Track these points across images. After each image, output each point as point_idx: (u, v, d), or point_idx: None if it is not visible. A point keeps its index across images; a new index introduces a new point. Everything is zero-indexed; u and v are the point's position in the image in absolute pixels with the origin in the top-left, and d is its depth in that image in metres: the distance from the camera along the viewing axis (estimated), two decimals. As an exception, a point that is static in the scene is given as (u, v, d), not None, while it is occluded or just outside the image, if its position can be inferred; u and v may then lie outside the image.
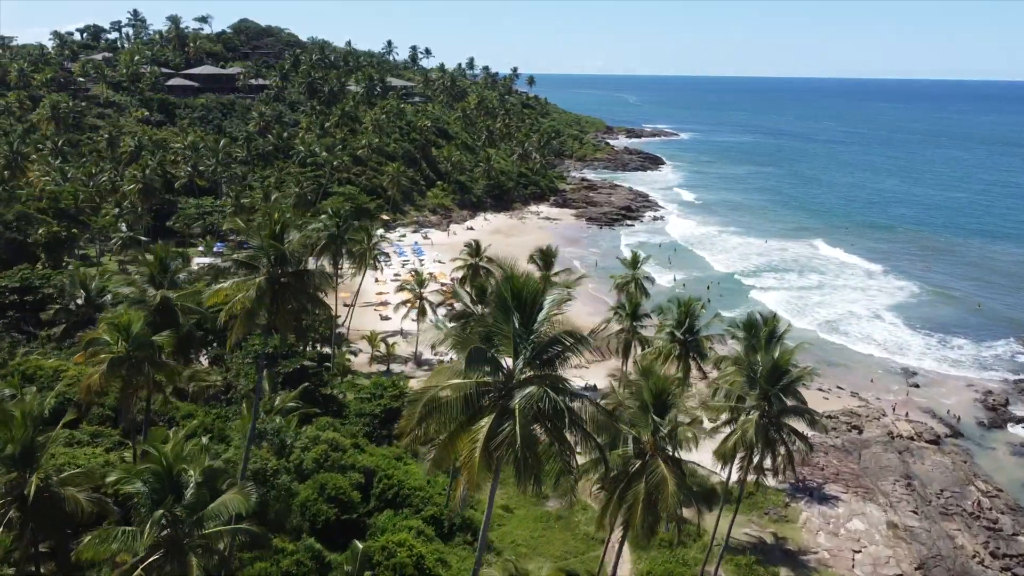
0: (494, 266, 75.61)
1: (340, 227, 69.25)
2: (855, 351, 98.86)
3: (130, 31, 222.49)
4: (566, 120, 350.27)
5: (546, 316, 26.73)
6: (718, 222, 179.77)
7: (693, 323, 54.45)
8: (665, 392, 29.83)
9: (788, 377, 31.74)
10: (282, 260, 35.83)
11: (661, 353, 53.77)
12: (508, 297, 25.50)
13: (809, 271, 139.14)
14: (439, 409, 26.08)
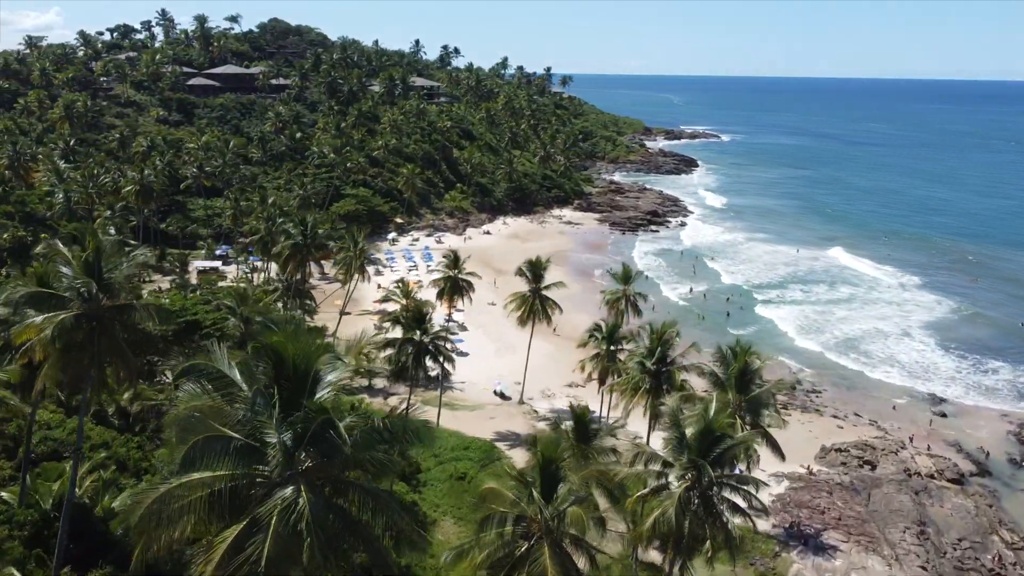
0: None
1: (307, 235, 64.91)
2: (876, 373, 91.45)
3: (159, 31, 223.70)
4: (602, 121, 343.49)
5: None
6: (746, 229, 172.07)
7: (666, 352, 48.73)
8: (555, 462, 24.58)
9: (723, 444, 26.34)
10: (102, 292, 30.81)
11: (629, 385, 48.25)
12: (269, 361, 19.80)
13: (840, 283, 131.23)
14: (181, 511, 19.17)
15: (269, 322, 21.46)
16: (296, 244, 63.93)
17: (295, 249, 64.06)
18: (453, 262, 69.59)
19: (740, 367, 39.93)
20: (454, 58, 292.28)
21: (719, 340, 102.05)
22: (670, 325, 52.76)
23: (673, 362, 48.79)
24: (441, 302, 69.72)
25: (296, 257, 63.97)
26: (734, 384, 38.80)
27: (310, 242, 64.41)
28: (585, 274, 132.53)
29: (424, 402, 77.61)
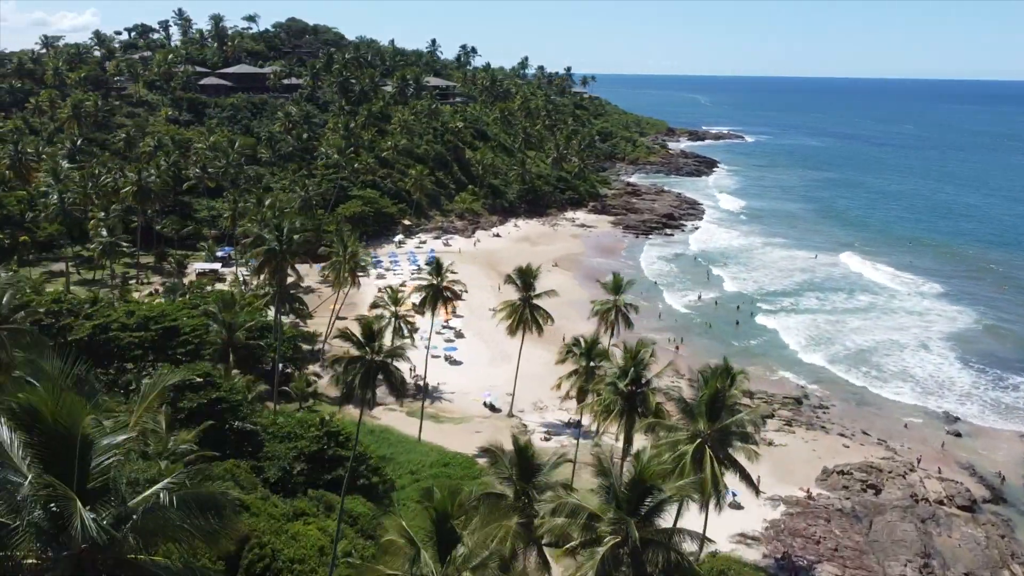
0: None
1: (283, 241, 62.45)
2: (887, 388, 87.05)
3: (176, 31, 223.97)
4: (624, 121, 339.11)
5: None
6: (764, 233, 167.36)
7: (640, 373, 45.42)
8: (450, 518, 21.45)
9: (654, 499, 23.17)
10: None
11: (601, 407, 45.07)
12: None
13: (859, 291, 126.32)
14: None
15: (33, 374, 17.63)
16: (271, 250, 61.57)
17: (269, 255, 61.70)
18: (436, 270, 66.76)
19: (711, 393, 36.60)
20: (473, 58, 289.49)
21: (725, 351, 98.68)
22: (645, 345, 49.30)
23: (648, 383, 45.50)
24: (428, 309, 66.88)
25: (271, 263, 61.56)
26: (704, 412, 35.58)
27: (285, 248, 61.96)
28: (594, 279, 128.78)
29: (409, 413, 75.15)
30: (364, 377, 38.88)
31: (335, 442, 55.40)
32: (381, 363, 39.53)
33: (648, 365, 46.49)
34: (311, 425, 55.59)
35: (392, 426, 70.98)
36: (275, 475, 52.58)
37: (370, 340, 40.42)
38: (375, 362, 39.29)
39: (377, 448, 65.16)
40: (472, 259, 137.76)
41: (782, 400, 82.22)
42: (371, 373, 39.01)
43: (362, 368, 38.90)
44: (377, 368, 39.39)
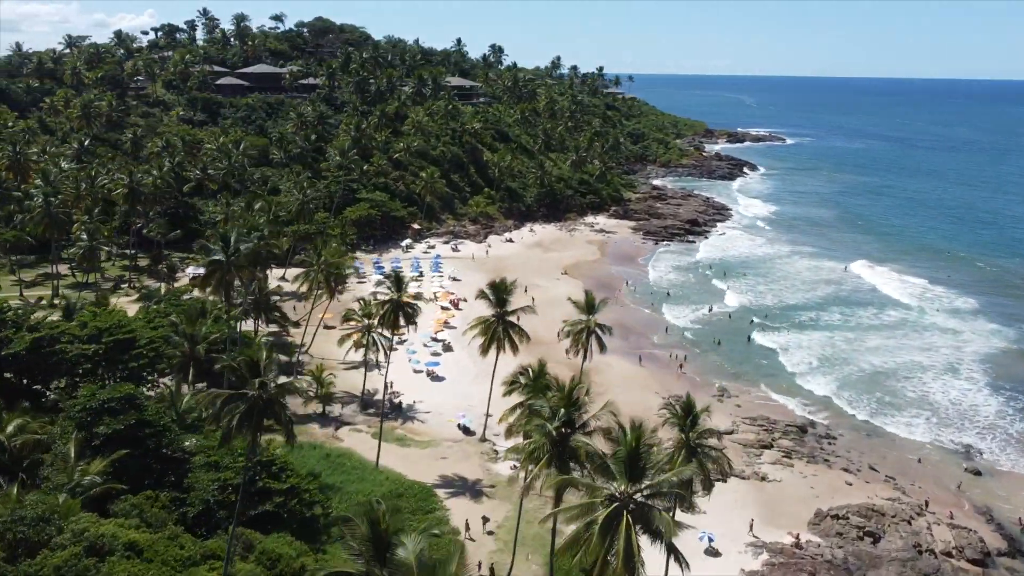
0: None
1: (229, 253, 58.38)
2: (902, 416, 79.70)
3: (201, 30, 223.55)
4: (660, 123, 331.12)
5: None
6: (792, 241, 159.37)
7: (573, 414, 39.96)
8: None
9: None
10: None
11: (526, 453, 39.75)
12: None
13: (889, 306, 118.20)
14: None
15: None
16: (215, 262, 57.62)
17: (214, 267, 57.77)
18: (395, 284, 62.00)
19: (629, 450, 31.05)
20: (501, 57, 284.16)
21: (732, 370, 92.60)
22: (579, 382, 43.69)
23: (584, 426, 40.03)
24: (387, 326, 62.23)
25: (216, 275, 57.62)
26: (624, 472, 30.24)
27: (232, 260, 57.91)
28: (605, 288, 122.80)
29: (375, 435, 70.62)
30: (245, 417, 34.23)
31: (267, 473, 51.18)
32: (267, 400, 34.82)
33: (584, 406, 41.02)
34: (241, 453, 51.30)
35: (353, 449, 66.62)
36: (196, 509, 48.55)
37: (254, 374, 35.80)
38: (260, 399, 34.61)
39: (329, 476, 60.91)
40: (480, 266, 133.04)
41: (784, 428, 75.67)
42: (254, 412, 34.34)
43: (243, 406, 34.29)
44: (263, 406, 34.70)
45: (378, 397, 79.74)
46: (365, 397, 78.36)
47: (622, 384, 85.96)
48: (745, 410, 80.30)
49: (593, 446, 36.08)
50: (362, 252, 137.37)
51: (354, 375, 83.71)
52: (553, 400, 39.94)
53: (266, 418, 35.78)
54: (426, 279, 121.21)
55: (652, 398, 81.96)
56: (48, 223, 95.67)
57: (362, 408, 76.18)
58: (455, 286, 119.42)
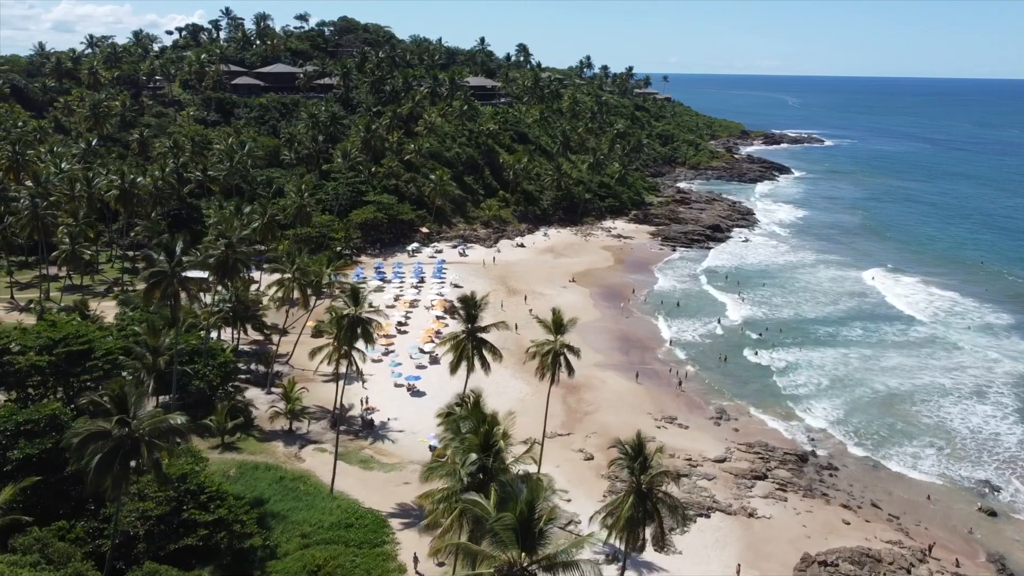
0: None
1: (173, 263, 54.98)
2: (913, 446, 73.29)
3: (223, 30, 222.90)
4: (694, 123, 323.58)
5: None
6: (817, 248, 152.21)
7: (498, 455, 35.29)
8: None
9: None
10: None
11: (435, 502, 35.16)
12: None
13: (914, 321, 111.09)
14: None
15: None
16: (159, 273, 54.32)
17: (157, 279, 54.48)
18: (353, 298, 57.98)
19: (520, 516, 26.21)
20: (527, 57, 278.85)
21: (737, 389, 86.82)
22: (498, 420, 38.75)
23: (505, 471, 35.33)
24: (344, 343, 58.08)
25: (159, 287, 54.35)
26: (516, 539, 25.65)
27: (176, 271, 54.51)
28: (613, 298, 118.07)
29: (343, 454, 66.79)
30: (107, 459, 30.46)
31: (195, 502, 47.63)
32: (134, 441, 31.01)
33: (504, 449, 36.40)
34: (168, 481, 47.77)
35: (312, 472, 62.90)
36: (113, 542, 45.14)
37: (122, 409, 32.03)
38: (128, 438, 30.83)
39: (277, 502, 57.28)
40: (486, 272, 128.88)
41: (782, 457, 70.01)
42: (118, 454, 30.55)
43: (108, 446, 30.54)
44: (131, 447, 30.89)
45: (353, 413, 76.29)
46: (337, 413, 74.57)
47: (614, 402, 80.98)
48: (743, 435, 74.81)
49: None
50: (367, 256, 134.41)
51: (333, 389, 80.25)
52: (467, 442, 35.47)
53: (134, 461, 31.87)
54: (426, 285, 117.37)
55: (642, 419, 76.87)
56: (35, 225, 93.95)
57: (332, 425, 72.40)
58: (455, 293, 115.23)
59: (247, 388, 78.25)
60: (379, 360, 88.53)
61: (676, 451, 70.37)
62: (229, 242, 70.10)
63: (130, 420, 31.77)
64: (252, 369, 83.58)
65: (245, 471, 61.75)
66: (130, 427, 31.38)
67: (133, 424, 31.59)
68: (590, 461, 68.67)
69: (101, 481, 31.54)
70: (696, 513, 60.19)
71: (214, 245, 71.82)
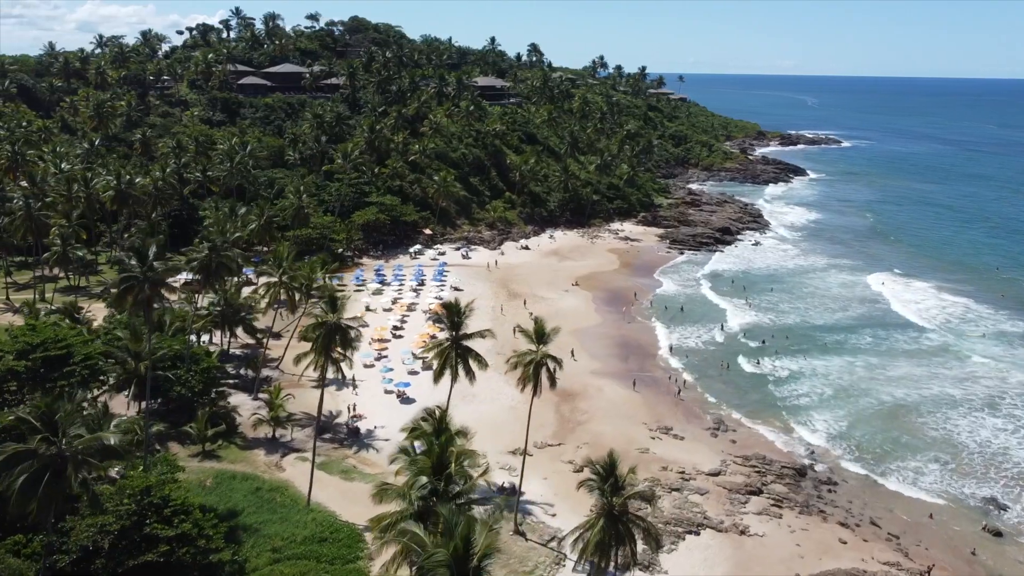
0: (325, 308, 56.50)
1: (144, 267, 53.43)
2: (917, 460, 70.47)
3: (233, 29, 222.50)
4: (709, 124, 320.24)
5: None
6: (828, 252, 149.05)
7: (438, 484, 33.20)
8: None
9: None
10: None
11: (379, 531, 33.14)
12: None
13: (929, 330, 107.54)
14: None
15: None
16: (131, 278, 52.91)
17: (128, 284, 53.11)
18: (330, 305, 56.24)
19: (454, 551, 24.05)
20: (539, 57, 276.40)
21: (738, 398, 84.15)
22: (454, 441, 36.67)
23: (460, 495, 33.23)
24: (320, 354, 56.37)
25: (131, 293, 52.93)
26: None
27: (149, 275, 53.04)
28: (616, 302, 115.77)
29: (324, 464, 65.20)
30: (32, 480, 28.88)
31: (157, 516, 46.10)
32: (64, 460, 29.40)
33: (458, 473, 34.34)
34: (130, 493, 46.33)
35: (290, 482, 61.36)
36: (71, 557, 43.78)
37: (49, 427, 30.43)
38: (57, 458, 29.24)
39: (252, 514, 55.73)
40: (488, 275, 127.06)
41: (779, 470, 67.57)
42: (45, 475, 28.95)
43: (34, 467, 28.96)
44: (60, 466, 29.29)
45: (339, 420, 74.73)
46: (323, 421, 73.03)
47: (609, 411, 78.80)
48: (740, 446, 72.40)
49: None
50: (369, 258, 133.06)
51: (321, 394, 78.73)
52: (419, 464, 33.56)
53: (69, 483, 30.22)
54: (426, 288, 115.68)
55: (637, 430, 74.84)
56: (29, 226, 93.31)
57: (318, 433, 70.77)
58: (455, 296, 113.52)
59: (232, 393, 76.95)
60: (372, 365, 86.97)
61: (669, 463, 68.25)
62: (213, 245, 68.71)
63: (57, 439, 30.08)
64: (241, 374, 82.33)
65: (222, 481, 60.34)
66: (58, 446, 29.72)
67: (62, 443, 29.89)
68: (580, 473, 66.32)
69: (25, 503, 29.89)
70: (685, 530, 58.08)
71: (198, 248, 70.41)
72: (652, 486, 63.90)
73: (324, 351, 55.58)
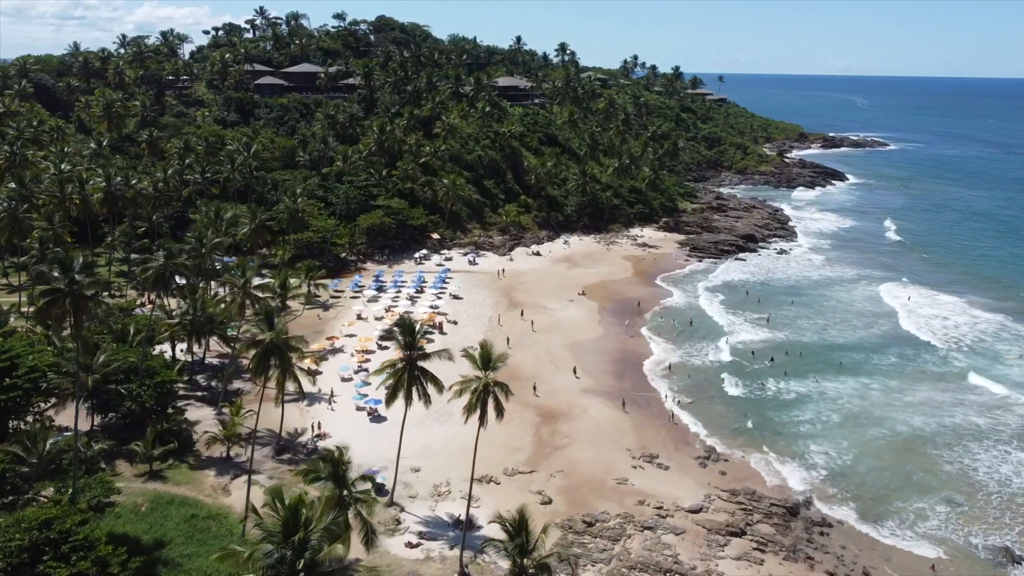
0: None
1: (67, 279, 49.98)
2: (923, 502, 63.62)
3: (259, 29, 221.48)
4: (748, 125, 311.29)
5: None
6: (858, 263, 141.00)
7: (303, 552, 28.52)
8: None
9: None
10: None
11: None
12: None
13: (957, 350, 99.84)
14: None
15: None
16: (54, 291, 49.50)
17: (52, 298, 49.69)
18: (266, 321, 52.13)
19: None
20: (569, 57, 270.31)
21: (736, 423, 77.92)
22: (305, 502, 31.79)
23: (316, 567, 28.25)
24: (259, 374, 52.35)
25: (54, 306, 49.53)
26: None
27: (76, 289, 49.59)
28: (622, 313, 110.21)
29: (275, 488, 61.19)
30: None
31: (54, 553, 42.61)
32: None
33: (319, 542, 29.60)
34: (26, 526, 42.87)
35: (234, 508, 57.47)
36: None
37: None
38: None
39: (181, 545, 51.94)
40: (491, 282, 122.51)
41: (768, 508, 61.57)
42: None
43: None
44: None
45: (304, 439, 70.83)
46: (287, 439, 69.32)
47: (592, 435, 73.49)
48: (730, 479, 66.52)
49: None
50: (373, 263, 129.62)
51: (292, 410, 75.16)
52: (267, 528, 29.06)
53: None
54: (423, 296, 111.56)
55: (619, 457, 69.48)
56: (14, 228, 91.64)
57: (276, 453, 67.09)
58: (453, 305, 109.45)
59: (200, 407, 73.84)
60: (350, 379, 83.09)
61: (647, 497, 62.79)
62: (169, 253, 65.48)
63: None
64: (212, 386, 79.19)
65: (158, 505, 56.82)
66: None
67: None
68: (547, 506, 61.51)
69: None
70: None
71: (154, 256, 67.25)
72: (622, 523, 58.85)
73: (258, 373, 51.56)
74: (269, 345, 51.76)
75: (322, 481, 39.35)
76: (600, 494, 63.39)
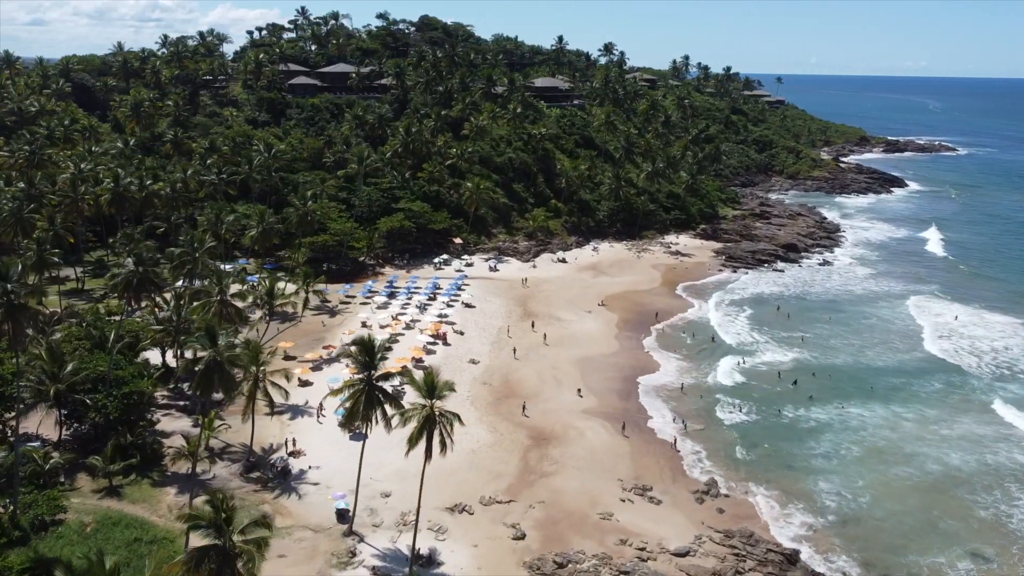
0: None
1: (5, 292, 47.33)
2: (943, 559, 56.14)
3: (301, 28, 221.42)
4: (805, 128, 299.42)
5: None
6: (906, 277, 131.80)
7: None
8: None
9: None
10: None
11: None
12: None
13: (1008, 379, 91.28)
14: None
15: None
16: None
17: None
18: (208, 337, 48.63)
19: None
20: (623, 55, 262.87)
21: (746, 454, 71.56)
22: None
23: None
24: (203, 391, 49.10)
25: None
26: None
27: (10, 299, 47.22)
28: (642, 327, 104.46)
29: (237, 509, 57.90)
30: None
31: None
32: None
33: None
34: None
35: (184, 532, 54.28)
36: None
37: None
38: None
39: (114, 571, 48.95)
40: (507, 291, 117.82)
41: (764, 554, 55.49)
42: None
43: None
44: None
45: (278, 455, 67.45)
46: (259, 456, 66.07)
47: (584, 462, 68.23)
48: (726, 517, 60.53)
49: None
50: (392, 267, 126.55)
51: (272, 424, 72.10)
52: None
53: None
54: (434, 304, 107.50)
55: (608, 488, 64.11)
56: (18, 228, 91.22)
57: (245, 470, 63.88)
58: (463, 314, 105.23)
59: (177, 418, 71.35)
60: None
61: (631, 536, 57.35)
62: (139, 258, 63.00)
63: None
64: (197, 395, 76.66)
65: (104, 526, 53.97)
66: None
67: None
68: (519, 541, 56.62)
69: None
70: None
71: (122, 263, 64.91)
72: (597, 565, 53.65)
73: (203, 392, 48.23)
74: (211, 363, 48.26)
75: (203, 529, 35.51)
76: (580, 530, 58.23)
